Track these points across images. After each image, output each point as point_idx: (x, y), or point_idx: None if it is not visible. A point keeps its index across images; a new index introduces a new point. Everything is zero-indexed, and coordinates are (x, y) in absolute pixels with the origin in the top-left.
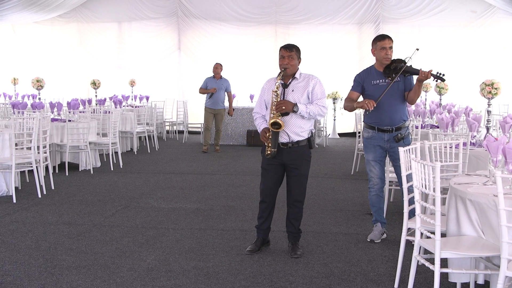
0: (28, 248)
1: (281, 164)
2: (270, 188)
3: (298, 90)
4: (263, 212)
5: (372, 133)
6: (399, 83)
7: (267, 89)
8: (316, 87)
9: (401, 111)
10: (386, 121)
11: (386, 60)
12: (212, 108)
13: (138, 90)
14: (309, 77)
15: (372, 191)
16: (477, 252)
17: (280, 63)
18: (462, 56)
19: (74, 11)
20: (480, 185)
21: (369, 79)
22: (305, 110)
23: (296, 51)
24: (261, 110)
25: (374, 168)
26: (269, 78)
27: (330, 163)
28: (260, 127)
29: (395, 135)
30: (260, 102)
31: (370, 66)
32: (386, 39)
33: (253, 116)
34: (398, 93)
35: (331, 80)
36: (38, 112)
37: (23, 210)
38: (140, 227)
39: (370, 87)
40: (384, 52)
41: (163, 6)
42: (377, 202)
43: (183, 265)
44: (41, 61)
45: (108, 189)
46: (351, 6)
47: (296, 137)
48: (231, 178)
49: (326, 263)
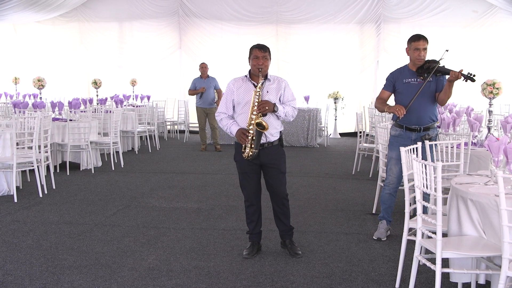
0: (29, 247)
1: (259, 166)
2: (255, 190)
3: (272, 91)
4: (252, 216)
5: (399, 132)
6: (430, 83)
7: (236, 89)
8: (286, 89)
9: (431, 111)
10: (414, 120)
11: (419, 61)
12: (203, 108)
13: (139, 89)
14: (279, 79)
15: (386, 189)
16: (479, 252)
17: (255, 63)
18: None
19: (75, 11)
20: (482, 185)
21: (401, 77)
22: (282, 111)
23: (269, 52)
24: (227, 110)
25: (395, 167)
26: (234, 78)
27: (331, 163)
28: (231, 128)
29: (422, 135)
30: (227, 102)
31: (403, 66)
32: (420, 40)
33: (216, 117)
34: (429, 93)
35: (332, 79)
36: (39, 111)
37: (24, 210)
38: (141, 226)
39: (402, 85)
40: (417, 53)
41: (164, 6)
42: (388, 200)
43: (184, 265)
44: (42, 60)
45: (109, 188)
46: (352, 5)
47: (271, 138)
48: (232, 177)
49: (327, 263)
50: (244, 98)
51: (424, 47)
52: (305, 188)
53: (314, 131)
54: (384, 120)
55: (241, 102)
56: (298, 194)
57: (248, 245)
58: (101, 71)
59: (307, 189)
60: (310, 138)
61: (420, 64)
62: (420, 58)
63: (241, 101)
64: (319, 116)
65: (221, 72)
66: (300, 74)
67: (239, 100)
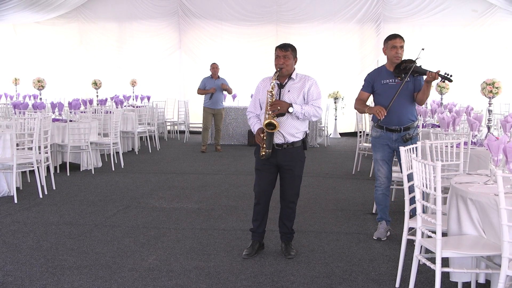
0: (29, 248)
1: (275, 165)
2: (265, 189)
3: (294, 90)
4: (257, 215)
5: (380, 133)
6: (408, 83)
7: (262, 88)
8: (312, 88)
9: (410, 111)
10: (394, 120)
11: (396, 59)
12: (212, 108)
13: (139, 90)
14: (306, 78)
15: (378, 190)
16: (478, 251)
17: (276, 63)
18: (463, 55)
19: (75, 11)
20: (481, 184)
21: (379, 78)
22: (300, 111)
23: (292, 50)
24: (255, 109)
25: (382, 168)
26: (264, 77)
27: (331, 162)
28: (254, 127)
29: (403, 135)
30: (255, 101)
31: (381, 66)
32: (397, 38)
33: (246, 115)
34: (407, 93)
35: (332, 79)
36: (39, 112)
37: (24, 210)
38: (141, 227)
39: (380, 87)
40: (394, 51)
41: (164, 6)
42: (383, 200)
43: (184, 265)
44: (42, 61)
45: (110, 189)
46: (352, 5)
47: (291, 138)
48: (232, 178)
49: (327, 263)
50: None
51: (401, 45)
52: (305, 188)
53: (314, 131)
54: None
55: (265, 101)
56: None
57: (249, 244)
58: (101, 71)
59: (308, 189)
60: (310, 138)
61: (398, 62)
62: (398, 56)
63: (264, 100)
64: None
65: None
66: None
67: (263, 100)
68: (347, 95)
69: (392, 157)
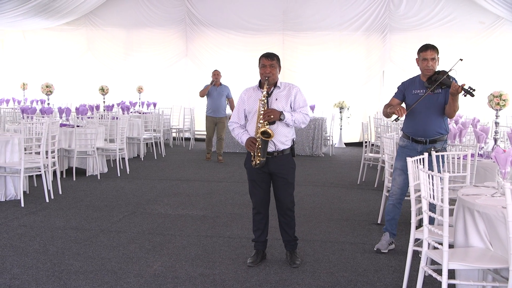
0: (36, 252)
1: (268, 174)
2: (263, 198)
3: (281, 98)
4: (259, 224)
5: (406, 142)
6: (439, 95)
7: (247, 98)
8: (298, 95)
9: (438, 123)
10: (420, 132)
11: (427, 71)
12: (213, 117)
13: (145, 96)
14: (290, 85)
15: (390, 200)
16: (485, 264)
17: (262, 72)
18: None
19: (84, 18)
20: (488, 197)
21: (411, 88)
22: (290, 118)
23: (277, 60)
24: (239, 120)
25: (399, 177)
26: (246, 88)
27: (337, 172)
28: (242, 137)
29: (428, 147)
30: (239, 111)
31: (416, 76)
32: (428, 50)
33: (229, 126)
34: (437, 105)
35: (337, 89)
36: (47, 117)
37: (31, 214)
38: (147, 233)
39: (410, 96)
40: (425, 63)
41: (171, 14)
42: (392, 212)
43: (190, 272)
44: (50, 66)
45: (115, 194)
46: (359, 15)
47: (281, 146)
48: (237, 185)
49: (332, 272)
50: (253, 107)
51: (432, 57)
52: (310, 197)
53: (319, 140)
54: (390, 130)
55: (251, 111)
56: (303, 203)
57: (252, 253)
58: (108, 78)
59: (312, 198)
60: (315, 147)
61: (429, 75)
62: (428, 68)
63: (251, 110)
64: (324, 125)
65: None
66: (306, 83)
67: (249, 109)
68: (353, 104)
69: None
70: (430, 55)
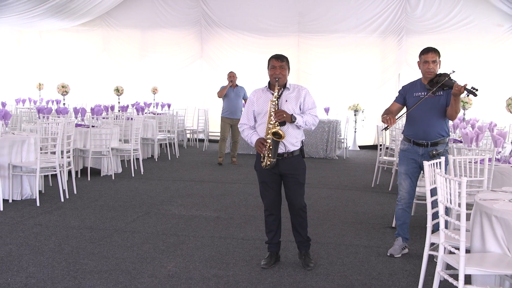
0: (51, 251)
1: (279, 175)
2: (274, 200)
3: (291, 100)
4: (271, 226)
5: (407, 146)
6: (440, 97)
7: (256, 100)
8: (307, 97)
9: (439, 126)
10: (421, 134)
11: (428, 74)
12: (230, 118)
13: (160, 97)
14: (299, 87)
15: (399, 205)
16: (503, 269)
17: (272, 73)
18: (487, 70)
19: (99, 19)
20: (506, 202)
21: (412, 91)
22: (302, 120)
23: (286, 61)
24: (248, 121)
25: (404, 182)
26: (255, 89)
27: (351, 175)
28: (251, 138)
29: (430, 150)
30: (248, 113)
31: (417, 79)
32: (429, 53)
33: (239, 128)
34: (438, 107)
35: (352, 91)
36: (63, 117)
37: (46, 214)
38: (161, 233)
39: (411, 99)
40: (426, 66)
41: (187, 15)
42: (402, 216)
43: (204, 273)
44: (65, 67)
45: (129, 195)
46: (375, 17)
47: (291, 147)
48: (251, 187)
49: (346, 275)
50: (263, 109)
51: (433, 60)
52: (324, 199)
53: (334, 142)
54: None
55: (261, 113)
56: (317, 206)
57: (266, 255)
58: (123, 78)
59: (326, 200)
60: (329, 149)
61: (431, 77)
62: (430, 71)
63: (261, 112)
64: (338, 128)
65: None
66: (321, 85)
67: (259, 111)
68: (367, 107)
69: (417, 173)
70: (431, 58)
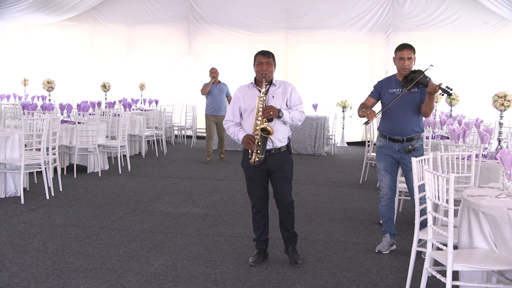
0: (35, 249)
1: (266, 171)
2: (262, 197)
3: (278, 96)
4: (259, 223)
5: (383, 142)
6: (415, 94)
7: (242, 96)
8: (293, 93)
9: (414, 122)
10: (397, 130)
11: (403, 70)
12: (214, 115)
13: (147, 93)
14: (285, 83)
15: (382, 201)
16: (490, 265)
17: (258, 69)
18: (473, 67)
19: (86, 14)
20: (493, 198)
21: (387, 87)
22: (288, 116)
23: (273, 58)
24: (234, 118)
25: (385, 178)
26: (241, 85)
27: (338, 171)
28: (238, 135)
29: (405, 146)
30: (234, 109)
31: (392, 75)
32: (405, 50)
33: (223, 125)
34: (413, 104)
35: (340, 88)
36: (48, 113)
37: (31, 212)
38: (148, 231)
39: (386, 95)
40: (401, 62)
41: (174, 11)
42: (387, 212)
43: (191, 271)
44: (51, 62)
45: (116, 192)
46: (362, 14)
47: (278, 143)
48: (239, 184)
49: (334, 272)
50: (250, 105)
51: (408, 57)
52: (312, 196)
53: (322, 139)
54: None
55: (248, 109)
56: (305, 202)
57: (254, 253)
58: (110, 74)
59: (314, 197)
60: (317, 146)
61: (405, 74)
62: (404, 67)
63: (248, 108)
64: (326, 124)
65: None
66: (309, 81)
67: (245, 107)
68: (355, 104)
69: (396, 168)
70: (406, 55)
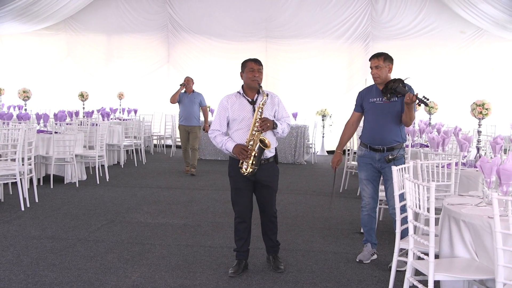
0: (9, 263)
1: (253, 182)
2: (248, 207)
3: (267, 106)
4: (242, 233)
5: (364, 151)
6: (396, 103)
7: (230, 106)
8: (280, 104)
9: (394, 132)
10: (377, 140)
11: (375, 79)
12: (185, 125)
13: (126, 103)
14: (271, 93)
15: (364, 211)
16: (471, 274)
17: (251, 76)
18: (451, 76)
19: (63, 23)
20: (474, 206)
21: (368, 96)
22: (280, 127)
23: (262, 66)
24: (221, 127)
25: (367, 187)
26: (227, 95)
27: (319, 180)
28: (226, 144)
29: (386, 155)
30: (221, 119)
31: (372, 85)
32: (374, 59)
33: (209, 134)
34: (394, 113)
35: (320, 96)
36: (24, 123)
37: (5, 223)
38: (126, 242)
39: (368, 105)
40: (372, 71)
41: (153, 20)
42: (369, 222)
43: (170, 283)
44: (28, 72)
45: (94, 203)
46: (341, 23)
47: (268, 154)
48: (219, 193)
49: (315, 283)
50: (240, 115)
51: (375, 65)
52: (292, 205)
53: (302, 148)
54: None
55: (237, 119)
56: (285, 211)
57: (234, 263)
58: (88, 83)
59: (295, 206)
60: (297, 155)
61: (378, 82)
62: (374, 76)
63: (237, 118)
64: (306, 133)
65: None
66: (289, 90)
67: (234, 117)
68: (335, 112)
69: (377, 177)
70: (374, 64)
